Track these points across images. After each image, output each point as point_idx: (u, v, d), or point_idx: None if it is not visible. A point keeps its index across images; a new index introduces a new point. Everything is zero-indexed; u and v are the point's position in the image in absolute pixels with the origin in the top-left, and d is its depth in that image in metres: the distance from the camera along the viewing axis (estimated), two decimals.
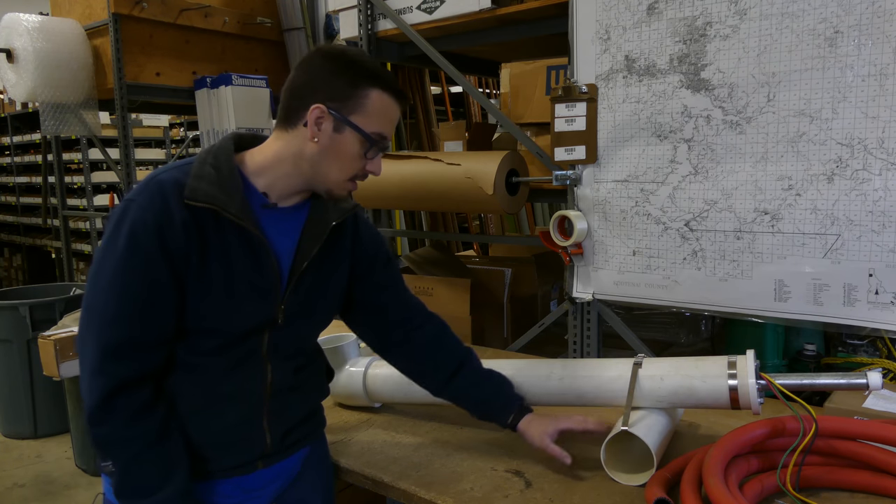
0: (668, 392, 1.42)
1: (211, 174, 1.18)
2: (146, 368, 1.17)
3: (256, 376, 1.27)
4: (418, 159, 2.45)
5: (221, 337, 1.22)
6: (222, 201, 1.16)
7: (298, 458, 1.41)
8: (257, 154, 1.26)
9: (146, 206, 1.14)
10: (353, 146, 1.22)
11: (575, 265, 2.09)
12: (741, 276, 1.78)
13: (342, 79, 1.21)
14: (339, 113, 1.20)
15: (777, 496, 1.26)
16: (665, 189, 1.87)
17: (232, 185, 1.19)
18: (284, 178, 1.24)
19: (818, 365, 2.02)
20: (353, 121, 1.21)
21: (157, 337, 1.17)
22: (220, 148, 1.24)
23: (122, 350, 1.14)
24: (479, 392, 1.51)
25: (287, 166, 1.24)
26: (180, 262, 1.15)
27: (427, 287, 2.74)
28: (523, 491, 1.34)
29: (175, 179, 1.17)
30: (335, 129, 1.21)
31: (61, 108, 3.42)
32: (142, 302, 1.14)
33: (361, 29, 2.66)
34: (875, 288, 1.61)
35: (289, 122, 1.24)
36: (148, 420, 1.17)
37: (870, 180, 1.59)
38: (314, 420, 1.46)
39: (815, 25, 1.61)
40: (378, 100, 1.22)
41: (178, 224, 1.14)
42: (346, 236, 1.39)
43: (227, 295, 1.19)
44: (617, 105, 1.93)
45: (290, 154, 1.23)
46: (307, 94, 1.21)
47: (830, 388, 1.38)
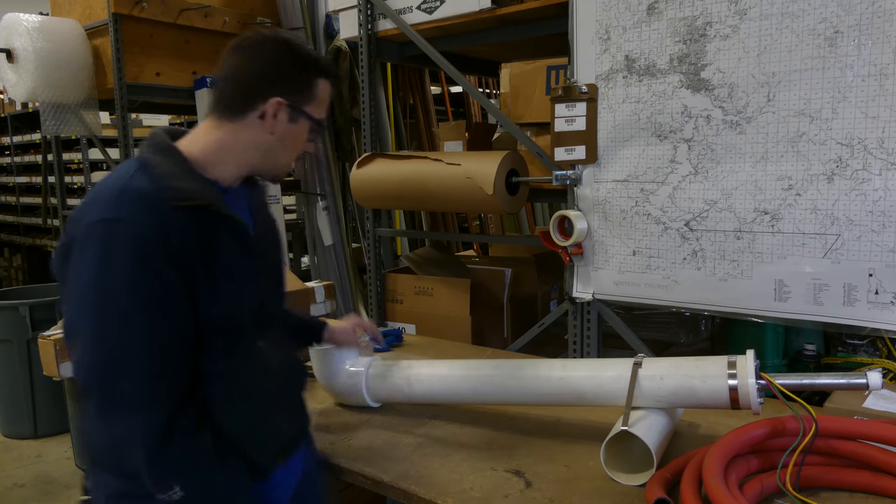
0: (668, 392, 1.42)
1: (178, 173, 1.16)
2: (186, 384, 1.15)
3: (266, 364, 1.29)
4: (418, 159, 2.45)
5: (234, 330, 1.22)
6: (205, 196, 1.15)
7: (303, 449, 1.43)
8: (193, 146, 1.22)
9: (141, 223, 1.09)
10: (304, 133, 1.27)
11: (575, 265, 2.09)
12: (741, 275, 1.78)
13: (297, 70, 1.23)
14: (295, 105, 1.23)
15: (777, 496, 1.26)
16: (665, 189, 1.87)
17: (202, 180, 1.18)
18: (233, 167, 1.23)
19: (818, 365, 2.02)
20: (307, 110, 1.25)
21: (186, 350, 1.15)
22: (164, 146, 1.20)
23: (166, 371, 1.11)
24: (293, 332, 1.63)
25: (236, 156, 1.23)
26: (188, 269, 1.13)
27: (427, 287, 2.74)
28: (523, 491, 1.34)
29: (149, 186, 1.12)
30: (291, 120, 1.23)
31: (61, 108, 3.42)
32: (168, 320, 1.11)
33: (361, 29, 2.66)
34: (875, 288, 1.61)
35: (235, 112, 1.22)
36: (206, 435, 1.15)
37: (870, 180, 1.59)
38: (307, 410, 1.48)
39: (815, 25, 1.61)
40: (324, 88, 1.27)
41: (178, 232, 1.11)
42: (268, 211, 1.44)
43: (233, 286, 1.19)
44: (617, 105, 1.93)
45: (238, 144, 1.22)
46: (263, 86, 1.20)
47: (830, 387, 1.38)
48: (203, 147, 1.22)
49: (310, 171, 3.90)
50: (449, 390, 1.67)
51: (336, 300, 3.54)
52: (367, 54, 2.69)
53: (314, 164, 3.88)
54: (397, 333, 2.33)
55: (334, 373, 1.78)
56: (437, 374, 1.68)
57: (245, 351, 1.24)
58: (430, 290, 2.73)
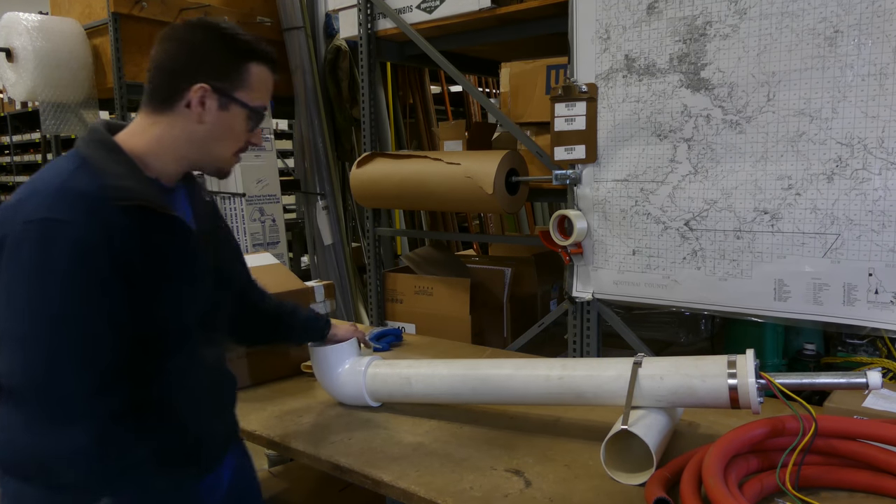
0: (668, 391, 1.42)
1: (120, 170, 1.11)
2: (126, 392, 1.10)
3: (207, 367, 1.28)
4: (418, 159, 2.45)
5: (177, 333, 1.19)
6: (148, 195, 1.11)
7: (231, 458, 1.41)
8: (131, 142, 1.17)
9: (83, 223, 1.03)
10: (241, 122, 1.21)
11: (574, 265, 2.09)
12: (741, 275, 1.78)
13: (223, 54, 1.17)
14: (223, 91, 1.17)
15: (777, 495, 1.25)
16: (665, 188, 1.87)
17: (143, 177, 1.14)
18: (172, 162, 1.19)
19: (818, 364, 2.02)
20: (238, 97, 1.19)
21: (126, 356, 1.10)
22: (105, 142, 1.15)
23: (103, 380, 1.06)
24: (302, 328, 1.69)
25: (173, 151, 1.18)
26: (129, 271, 1.08)
27: (427, 286, 2.74)
28: (523, 490, 1.34)
29: (91, 185, 1.07)
30: (221, 108, 1.18)
31: (61, 107, 3.42)
32: (107, 325, 1.06)
33: (361, 28, 2.66)
34: (875, 287, 1.61)
35: (165, 103, 1.17)
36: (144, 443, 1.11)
37: (869, 180, 1.59)
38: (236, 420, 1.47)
39: (815, 25, 1.61)
40: (257, 72, 1.21)
41: (121, 233, 1.06)
42: (216, 210, 1.41)
43: (174, 288, 1.17)
44: (617, 104, 1.93)
45: (173, 138, 1.18)
46: (187, 73, 1.16)
47: (830, 387, 1.38)
48: (142, 143, 1.18)
49: (309, 171, 3.90)
50: (449, 390, 1.67)
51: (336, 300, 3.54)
52: (366, 54, 2.69)
53: (314, 163, 3.88)
54: (397, 333, 2.33)
55: (334, 372, 1.78)
56: (436, 374, 1.68)
57: (190, 354, 1.22)
58: (430, 289, 2.73)
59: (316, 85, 3.82)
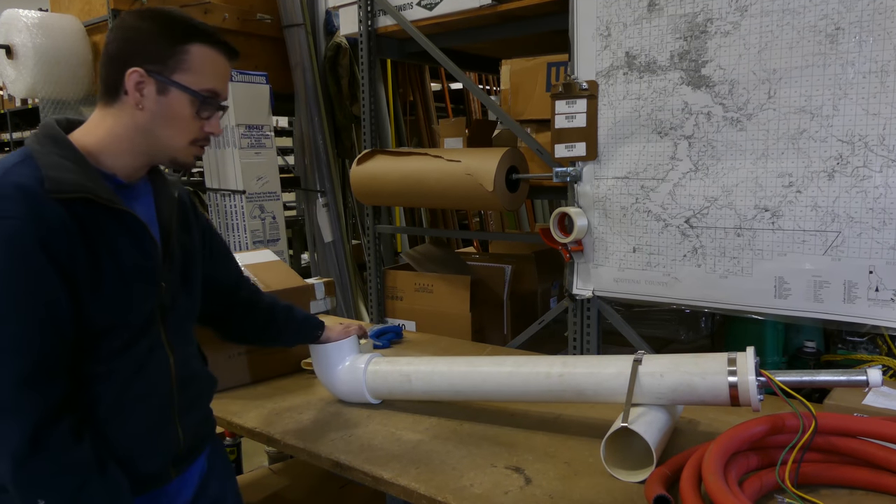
0: (668, 389, 1.42)
1: (65, 163, 1.08)
2: (63, 391, 1.07)
3: (163, 369, 1.22)
4: (418, 156, 2.45)
5: (123, 332, 1.15)
6: (91, 188, 1.07)
7: (204, 457, 1.38)
8: (86, 137, 1.16)
9: (17, 216, 1.01)
10: (184, 107, 1.15)
11: (575, 262, 2.09)
12: (741, 273, 1.78)
13: (159, 37, 1.13)
14: (160, 74, 1.12)
15: (776, 493, 1.25)
16: (665, 186, 1.87)
17: (89, 171, 1.11)
18: (126, 154, 1.16)
19: (818, 362, 2.02)
20: (178, 80, 1.13)
21: (65, 353, 1.07)
22: (54, 136, 1.12)
23: (36, 379, 1.03)
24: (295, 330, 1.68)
25: (124, 142, 1.15)
26: (70, 267, 1.05)
27: (427, 284, 2.74)
28: (523, 487, 1.34)
29: (33, 178, 1.04)
30: (159, 92, 1.13)
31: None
32: (41, 322, 1.03)
33: (361, 25, 2.66)
34: (875, 285, 1.61)
35: (110, 94, 1.15)
36: (82, 446, 1.07)
37: (870, 177, 1.58)
38: (211, 416, 1.44)
39: (816, 22, 1.60)
40: (201, 54, 1.15)
41: (57, 226, 1.03)
42: (188, 208, 1.35)
43: (120, 284, 1.13)
44: (617, 102, 1.93)
45: (122, 129, 1.15)
46: (123, 60, 1.12)
47: (830, 384, 1.38)
48: (95, 137, 1.15)
49: (310, 168, 3.90)
50: (449, 387, 1.67)
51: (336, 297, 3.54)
52: (366, 51, 2.69)
53: (314, 160, 3.87)
54: (397, 330, 2.33)
55: (334, 370, 1.78)
56: (437, 371, 1.68)
57: (139, 353, 1.17)
58: (430, 286, 2.73)
59: (316, 82, 3.82)
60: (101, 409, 1.14)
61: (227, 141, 3.31)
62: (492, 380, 1.61)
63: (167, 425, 1.24)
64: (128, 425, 1.17)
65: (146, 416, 1.20)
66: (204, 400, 1.37)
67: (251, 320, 1.59)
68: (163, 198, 1.26)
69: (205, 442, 1.39)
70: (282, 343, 1.76)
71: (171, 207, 1.27)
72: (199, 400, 1.34)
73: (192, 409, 1.30)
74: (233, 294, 1.54)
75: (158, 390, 1.22)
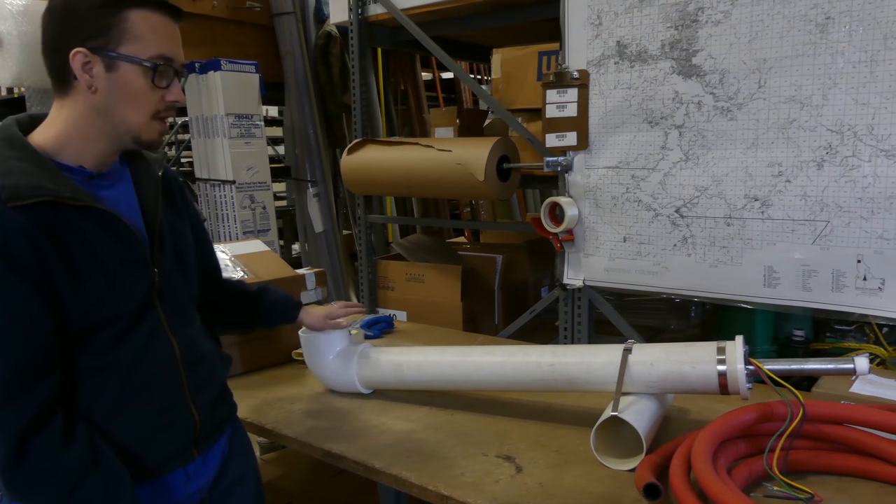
0: (658, 378, 1.43)
1: (20, 167, 1.04)
2: (49, 395, 1.06)
3: (166, 353, 1.20)
4: (409, 145, 2.44)
5: (115, 325, 1.13)
6: (51, 190, 1.03)
7: (225, 438, 1.38)
8: (48, 131, 1.12)
9: None
10: (137, 79, 1.09)
11: (566, 252, 2.10)
12: (731, 262, 1.79)
13: (93, 11, 1.06)
14: (103, 49, 1.06)
15: (765, 480, 1.27)
16: (656, 175, 1.87)
17: (48, 170, 1.06)
18: (89, 142, 1.12)
19: (807, 350, 2.03)
20: (123, 52, 1.07)
21: (46, 359, 1.06)
22: (10, 139, 1.09)
23: (13, 392, 1.02)
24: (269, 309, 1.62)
25: (85, 129, 1.11)
26: (39, 273, 1.03)
27: (418, 273, 2.74)
28: (514, 476, 1.35)
29: None
30: (108, 69, 1.07)
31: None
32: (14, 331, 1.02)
33: (352, 13, 2.64)
34: (863, 274, 1.62)
35: (61, 84, 1.11)
36: (74, 447, 1.07)
37: (859, 167, 1.59)
38: (229, 397, 1.43)
39: (807, 11, 1.60)
40: (141, 20, 1.08)
41: (16, 235, 1.01)
42: (174, 189, 1.31)
43: (103, 278, 1.10)
44: (608, 91, 1.92)
45: (81, 116, 1.10)
46: (63, 44, 1.07)
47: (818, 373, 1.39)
48: (54, 131, 1.12)
49: (300, 158, 3.88)
50: (440, 376, 1.67)
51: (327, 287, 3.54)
52: (357, 39, 2.67)
53: (305, 150, 3.85)
54: (388, 320, 2.33)
55: (324, 359, 1.78)
56: (428, 361, 1.69)
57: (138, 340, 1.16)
58: (422, 276, 2.73)
59: (307, 71, 3.79)
60: (105, 400, 1.13)
61: (216, 130, 3.29)
62: (483, 369, 1.61)
63: (180, 406, 1.23)
64: (137, 411, 1.16)
65: (155, 400, 1.18)
66: (216, 378, 1.35)
67: (230, 303, 1.56)
68: (143, 180, 1.22)
69: (226, 421, 1.38)
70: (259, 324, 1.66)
71: (155, 189, 1.22)
72: (211, 379, 1.32)
73: (205, 388, 1.29)
74: (216, 276, 1.52)
75: (165, 374, 1.20)
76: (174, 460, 1.24)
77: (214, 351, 1.38)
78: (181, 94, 1.16)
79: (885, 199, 1.56)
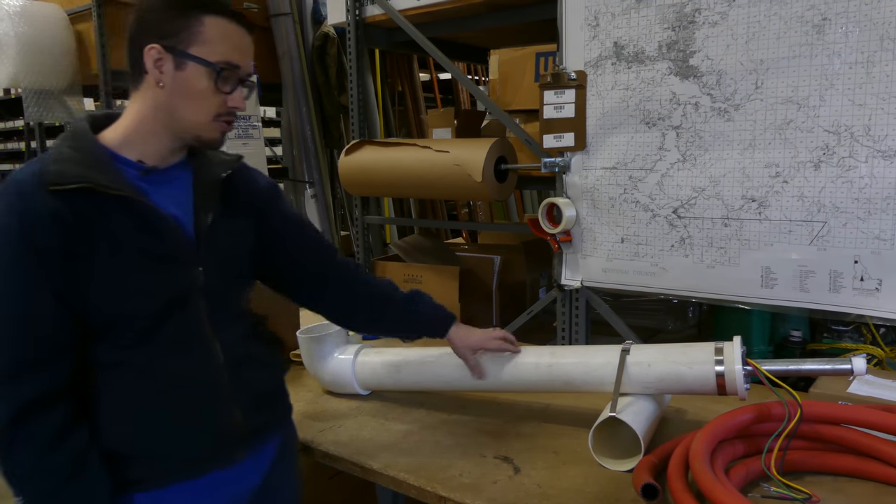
0: (656, 378, 1.43)
1: (73, 155, 1.10)
2: (52, 386, 1.07)
3: (199, 353, 1.19)
4: (407, 146, 2.44)
5: (142, 320, 1.13)
6: (92, 177, 1.07)
7: (274, 444, 1.35)
8: (118, 126, 1.18)
9: (6, 211, 1.05)
10: (201, 80, 1.14)
11: (563, 252, 2.10)
12: (728, 263, 1.79)
13: (170, 12, 1.13)
14: (175, 48, 1.12)
15: (762, 480, 1.27)
16: (653, 176, 1.87)
17: (98, 160, 1.11)
18: (152, 137, 1.17)
19: (804, 351, 2.04)
20: (193, 52, 1.13)
21: (55, 348, 1.08)
22: (73, 130, 1.16)
23: (15, 371, 1.05)
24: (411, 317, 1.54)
25: (149, 124, 1.16)
26: (62, 260, 1.06)
27: (415, 274, 2.74)
28: (512, 477, 1.35)
29: (31, 173, 1.08)
30: (177, 67, 1.13)
31: (44, 94, 3.37)
32: (25, 317, 1.05)
33: (349, 14, 2.64)
34: (860, 275, 1.62)
35: (135, 77, 1.16)
36: (64, 448, 1.07)
37: (856, 167, 1.59)
38: (283, 400, 1.40)
39: (804, 12, 1.61)
40: (214, 26, 1.14)
41: (46, 219, 1.05)
42: (240, 190, 1.31)
43: (130, 272, 1.11)
44: (605, 92, 1.92)
45: (147, 110, 1.16)
46: (140, 39, 1.14)
47: (815, 373, 1.39)
48: (123, 126, 1.17)
49: (298, 159, 3.88)
50: (438, 377, 1.67)
51: None
52: (354, 40, 2.67)
53: (302, 151, 3.85)
54: None
55: (323, 361, 1.78)
56: (426, 361, 1.69)
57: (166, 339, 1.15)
58: (419, 277, 2.73)
59: (304, 72, 3.79)
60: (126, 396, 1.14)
61: None
62: None
63: (217, 407, 1.21)
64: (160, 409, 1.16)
65: (184, 400, 1.17)
66: (265, 379, 1.33)
67: (352, 305, 1.50)
68: (201, 179, 1.23)
69: (279, 423, 1.37)
70: (396, 333, 1.61)
71: (212, 189, 1.23)
72: (257, 379, 1.30)
73: (251, 389, 1.27)
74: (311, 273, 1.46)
75: (198, 373, 1.19)
76: (213, 460, 1.22)
77: (265, 352, 1.35)
78: (242, 102, 1.19)
79: (881, 199, 1.57)
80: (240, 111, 1.20)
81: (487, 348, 1.58)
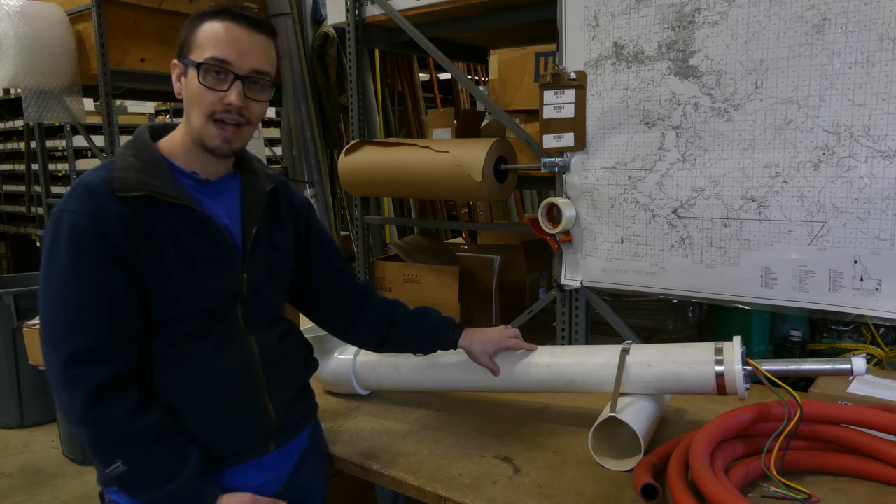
0: (656, 378, 1.43)
1: (136, 164, 1.20)
2: (123, 371, 1.16)
3: (242, 351, 1.28)
4: (406, 146, 2.44)
5: (195, 318, 1.23)
6: (154, 185, 1.18)
7: (305, 436, 1.43)
8: (170, 137, 1.28)
9: (80, 211, 1.14)
10: (193, 81, 1.20)
11: (563, 252, 2.10)
12: (728, 263, 1.79)
13: (185, 28, 1.23)
14: (180, 58, 1.23)
15: (762, 480, 1.27)
16: (653, 176, 1.87)
17: (159, 169, 1.21)
18: (192, 147, 1.25)
19: (804, 351, 2.04)
20: (188, 58, 1.21)
21: (125, 337, 1.17)
22: (136, 139, 1.26)
23: (90, 356, 1.13)
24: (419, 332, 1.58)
25: (187, 136, 1.25)
26: (129, 257, 1.16)
27: (415, 275, 2.74)
28: (512, 477, 1.35)
29: (101, 178, 1.18)
30: (184, 75, 1.23)
31: (44, 94, 3.37)
32: (98, 306, 1.14)
33: (349, 14, 2.64)
34: (860, 274, 1.62)
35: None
36: (145, 416, 1.16)
37: (856, 167, 1.59)
38: (311, 397, 1.48)
39: (803, 12, 1.61)
40: (206, 29, 1.20)
41: (115, 220, 1.15)
42: (282, 203, 1.41)
43: (187, 274, 1.20)
44: (605, 92, 1.92)
45: (184, 122, 1.26)
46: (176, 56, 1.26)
47: (815, 373, 1.39)
48: (173, 137, 1.27)
49: (298, 159, 3.88)
50: (437, 377, 1.67)
51: None
52: (354, 40, 2.67)
53: (302, 151, 3.85)
54: None
55: (322, 360, 1.78)
56: (425, 362, 1.69)
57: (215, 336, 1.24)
58: (419, 277, 2.73)
59: (304, 72, 3.79)
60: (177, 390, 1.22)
61: None
62: (480, 370, 1.61)
63: (255, 401, 1.29)
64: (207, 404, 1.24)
65: (230, 393, 1.26)
66: (296, 378, 1.41)
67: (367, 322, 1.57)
68: (248, 193, 1.32)
69: (306, 420, 1.44)
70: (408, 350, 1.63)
71: (258, 202, 1.32)
72: (289, 379, 1.38)
73: (284, 387, 1.35)
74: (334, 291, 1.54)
75: (241, 369, 1.27)
76: (248, 451, 1.30)
77: (297, 353, 1.44)
78: (234, 97, 1.20)
79: (881, 199, 1.57)
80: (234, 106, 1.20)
81: (506, 347, 1.59)
